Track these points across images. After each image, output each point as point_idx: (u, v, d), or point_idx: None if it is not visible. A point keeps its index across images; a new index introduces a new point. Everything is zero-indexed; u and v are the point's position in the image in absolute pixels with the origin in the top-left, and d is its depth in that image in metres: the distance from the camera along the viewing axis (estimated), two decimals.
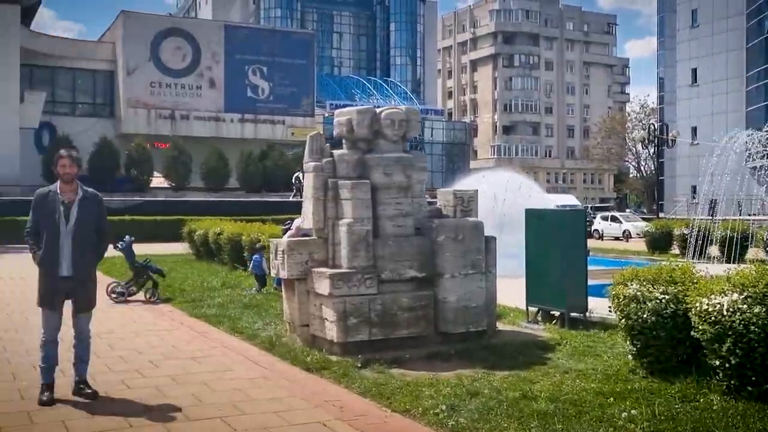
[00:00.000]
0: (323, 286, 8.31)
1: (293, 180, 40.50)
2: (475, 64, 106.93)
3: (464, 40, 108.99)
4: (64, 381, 6.80)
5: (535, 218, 10.42)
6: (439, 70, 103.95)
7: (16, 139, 41.22)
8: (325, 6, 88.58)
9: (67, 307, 6.71)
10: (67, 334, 6.87)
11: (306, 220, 8.93)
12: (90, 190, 6.80)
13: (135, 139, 43.31)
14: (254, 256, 13.93)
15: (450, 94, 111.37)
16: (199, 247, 20.31)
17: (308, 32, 60.62)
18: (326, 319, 8.36)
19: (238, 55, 51.14)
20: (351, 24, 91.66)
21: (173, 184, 41.54)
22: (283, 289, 9.20)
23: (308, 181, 8.88)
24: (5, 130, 40.53)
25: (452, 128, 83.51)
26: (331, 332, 8.26)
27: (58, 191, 6.61)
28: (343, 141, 9.14)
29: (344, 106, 72.07)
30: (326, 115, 66.57)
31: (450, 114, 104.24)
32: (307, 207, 8.87)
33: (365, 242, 8.45)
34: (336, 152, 8.97)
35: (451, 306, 8.58)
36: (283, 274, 8.80)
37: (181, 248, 22.45)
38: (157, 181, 42.50)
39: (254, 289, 13.61)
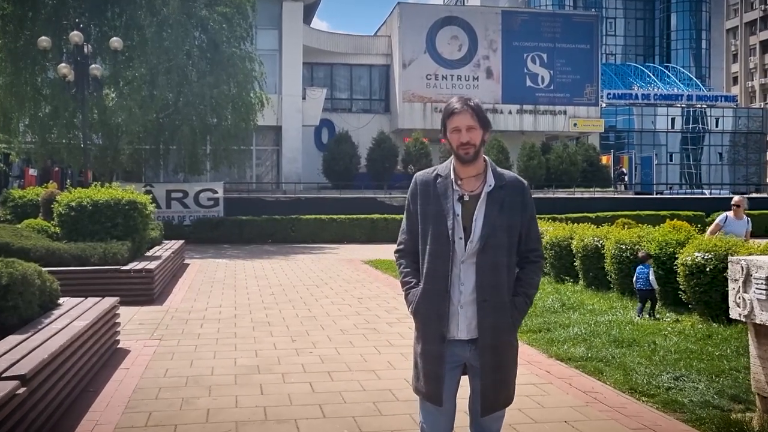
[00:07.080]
0: None
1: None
2: (765, 46, 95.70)
3: (752, 20, 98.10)
4: None
5: None
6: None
7: (299, 136, 41.24)
8: None
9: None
10: None
11: None
12: (507, 173, 3.43)
13: (411, 133, 41.74)
14: (638, 268, 10.49)
15: (735, 80, 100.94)
16: None
17: (590, 14, 55.72)
18: None
19: (516, 43, 47.83)
20: (626, 8, 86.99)
21: None
22: (750, 338, 5.55)
23: None
24: (289, 128, 40.72)
25: (745, 116, 74.24)
26: None
27: (452, 177, 3.39)
28: None
29: (622, 95, 67.16)
30: (603, 106, 61.51)
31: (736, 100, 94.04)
32: None
33: None
34: None
35: None
36: (764, 318, 5.17)
37: None
38: None
39: (637, 313, 10.20)
